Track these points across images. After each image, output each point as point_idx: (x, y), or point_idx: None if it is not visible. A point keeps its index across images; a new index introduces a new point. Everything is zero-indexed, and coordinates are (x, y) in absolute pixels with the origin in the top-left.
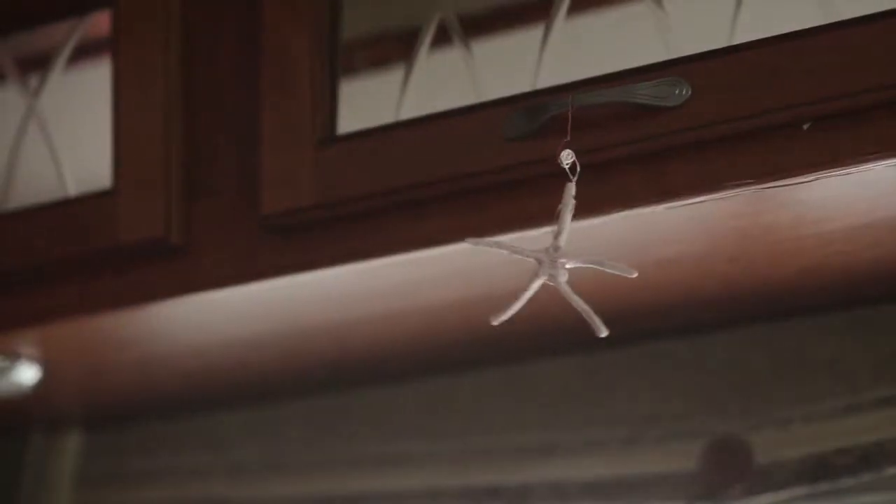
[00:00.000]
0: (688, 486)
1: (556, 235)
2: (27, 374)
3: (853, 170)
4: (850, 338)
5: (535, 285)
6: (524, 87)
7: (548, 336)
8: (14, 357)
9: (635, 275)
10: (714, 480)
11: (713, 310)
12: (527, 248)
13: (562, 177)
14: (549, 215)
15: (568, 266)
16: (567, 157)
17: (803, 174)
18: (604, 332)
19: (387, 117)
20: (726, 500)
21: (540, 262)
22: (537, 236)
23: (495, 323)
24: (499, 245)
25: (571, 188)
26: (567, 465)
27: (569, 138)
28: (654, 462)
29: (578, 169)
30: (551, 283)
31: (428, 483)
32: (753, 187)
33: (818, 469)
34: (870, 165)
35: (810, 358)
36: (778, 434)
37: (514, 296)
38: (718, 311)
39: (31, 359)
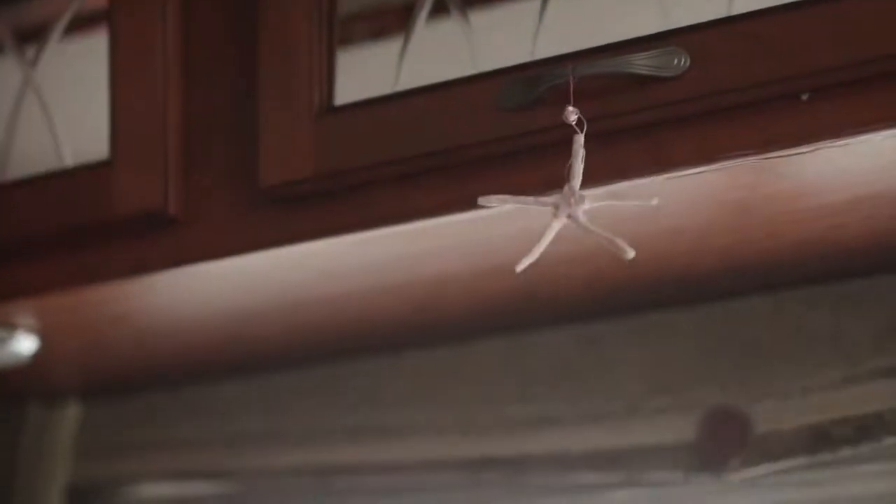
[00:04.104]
0: (687, 456)
1: (570, 179)
2: (24, 344)
3: (852, 141)
4: (849, 309)
5: (556, 226)
6: (522, 57)
7: (547, 307)
8: (11, 328)
9: (656, 202)
10: (713, 451)
11: (712, 281)
12: (543, 198)
13: (559, 147)
14: (546, 186)
15: (586, 205)
16: (572, 115)
17: (802, 145)
18: (630, 254)
19: (384, 88)
20: (725, 470)
21: (557, 205)
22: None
23: (519, 269)
24: (512, 200)
25: (580, 139)
26: (566, 436)
27: (571, 105)
28: (653, 433)
29: (585, 124)
30: (571, 222)
31: (426, 454)
32: (752, 158)
33: (817, 440)
34: (869, 136)
35: (809, 329)
36: (777, 405)
37: (536, 242)
38: (717, 282)
39: (29, 329)
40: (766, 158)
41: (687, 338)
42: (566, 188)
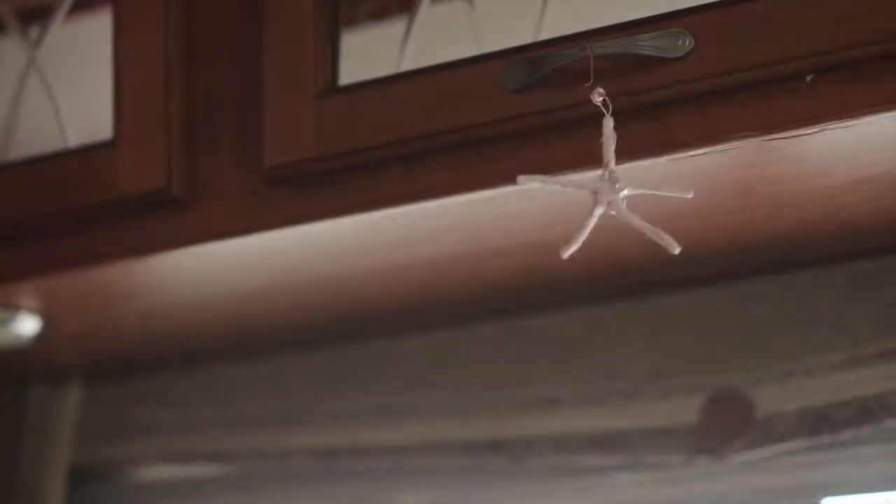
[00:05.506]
0: (689, 439)
1: (607, 164)
2: (27, 325)
3: (856, 122)
4: (851, 291)
5: (597, 213)
6: (525, 38)
7: (549, 289)
8: (14, 308)
9: (691, 195)
10: (715, 434)
11: (715, 263)
12: (582, 180)
13: (563, 129)
14: (550, 167)
15: (625, 193)
16: (598, 97)
17: (806, 126)
18: (676, 249)
19: (388, 69)
20: (727, 453)
21: (597, 191)
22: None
23: (564, 256)
24: (552, 181)
25: (610, 122)
26: (568, 418)
27: (591, 82)
28: (655, 416)
29: (611, 106)
30: (612, 212)
31: (429, 436)
32: (755, 140)
33: (818, 422)
34: (873, 118)
35: (811, 311)
36: (778, 387)
37: (578, 228)
38: (720, 263)
39: (32, 310)
40: (770, 140)
41: (689, 320)
42: (604, 172)
